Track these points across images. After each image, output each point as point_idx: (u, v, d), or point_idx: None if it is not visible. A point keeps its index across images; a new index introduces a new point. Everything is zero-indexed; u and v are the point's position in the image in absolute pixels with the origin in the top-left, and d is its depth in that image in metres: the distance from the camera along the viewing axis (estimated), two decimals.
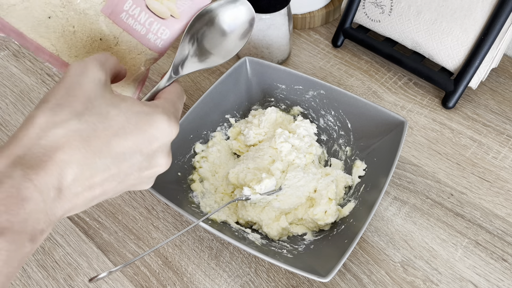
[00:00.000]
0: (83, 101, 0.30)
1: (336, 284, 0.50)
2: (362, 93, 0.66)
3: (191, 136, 0.56)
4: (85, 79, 0.31)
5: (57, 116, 0.29)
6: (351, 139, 0.57)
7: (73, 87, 0.30)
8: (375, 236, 0.53)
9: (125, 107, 0.31)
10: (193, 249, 0.53)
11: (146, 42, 0.42)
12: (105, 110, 0.30)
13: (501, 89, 0.66)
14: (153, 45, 0.42)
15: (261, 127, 0.58)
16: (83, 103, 0.30)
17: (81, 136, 0.29)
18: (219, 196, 0.55)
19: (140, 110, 0.32)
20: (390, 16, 0.65)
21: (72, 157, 0.28)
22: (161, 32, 0.41)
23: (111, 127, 0.30)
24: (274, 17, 0.63)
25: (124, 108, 0.31)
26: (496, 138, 0.61)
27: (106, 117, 0.30)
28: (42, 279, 0.51)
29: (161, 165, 0.34)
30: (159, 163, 0.34)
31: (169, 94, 0.36)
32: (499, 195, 0.56)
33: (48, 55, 0.41)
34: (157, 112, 0.32)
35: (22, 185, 0.27)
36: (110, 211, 0.56)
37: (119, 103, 0.31)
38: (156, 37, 0.42)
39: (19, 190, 0.27)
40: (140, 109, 0.32)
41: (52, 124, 0.29)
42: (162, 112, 0.33)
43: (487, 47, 0.59)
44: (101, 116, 0.30)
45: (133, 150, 0.31)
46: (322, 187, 0.53)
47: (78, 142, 0.29)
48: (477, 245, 0.52)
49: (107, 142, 0.30)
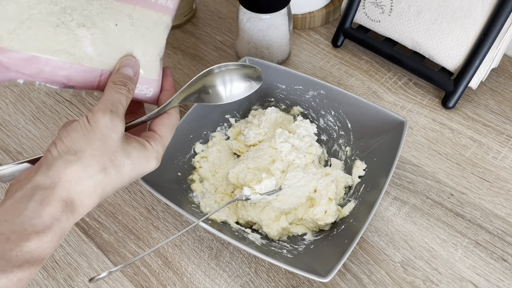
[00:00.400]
0: (110, 156, 0.37)
1: (336, 284, 0.50)
2: (362, 93, 0.66)
3: (191, 136, 0.56)
4: (112, 134, 0.37)
5: (91, 169, 0.36)
6: (351, 139, 0.57)
7: (105, 141, 0.37)
8: (375, 236, 0.53)
9: (135, 156, 0.39)
10: (193, 249, 0.53)
11: (159, 8, 0.41)
12: (122, 161, 0.38)
13: (501, 89, 0.66)
14: (165, 8, 0.42)
15: (261, 127, 0.58)
16: (109, 158, 0.37)
17: (102, 184, 0.37)
18: (219, 196, 0.55)
19: (143, 157, 0.40)
20: (390, 16, 0.65)
21: (92, 200, 0.37)
22: None
23: (122, 175, 0.38)
24: (274, 17, 0.63)
25: (134, 157, 0.39)
26: (496, 138, 0.61)
27: (122, 168, 0.38)
28: (42, 279, 0.51)
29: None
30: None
31: (163, 128, 0.43)
32: (499, 195, 0.56)
33: (67, 69, 0.39)
34: (152, 157, 0.40)
35: (65, 227, 0.36)
36: (110, 211, 0.56)
37: (131, 154, 0.39)
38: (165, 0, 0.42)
39: (62, 230, 0.35)
40: (143, 155, 0.40)
41: (86, 175, 0.36)
42: (155, 156, 0.41)
43: (487, 47, 0.59)
44: (119, 168, 0.38)
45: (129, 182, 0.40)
46: (322, 187, 0.53)
47: (99, 189, 0.37)
48: (477, 245, 0.52)
49: (115, 185, 0.39)
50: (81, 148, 0.36)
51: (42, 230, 0.34)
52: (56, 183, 0.35)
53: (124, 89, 0.40)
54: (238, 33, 0.67)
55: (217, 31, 0.76)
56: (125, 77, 0.40)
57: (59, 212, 0.35)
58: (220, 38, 0.75)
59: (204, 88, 0.46)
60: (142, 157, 0.40)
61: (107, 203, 0.57)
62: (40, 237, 0.33)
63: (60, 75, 0.39)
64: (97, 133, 0.37)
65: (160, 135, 0.42)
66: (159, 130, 0.42)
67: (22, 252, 0.32)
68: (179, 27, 0.76)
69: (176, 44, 0.74)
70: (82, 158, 0.36)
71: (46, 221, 0.34)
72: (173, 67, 0.71)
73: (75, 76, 0.40)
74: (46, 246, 0.34)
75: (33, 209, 0.34)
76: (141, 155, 0.40)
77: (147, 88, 0.43)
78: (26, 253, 0.32)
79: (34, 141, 0.63)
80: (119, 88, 0.39)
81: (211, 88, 0.46)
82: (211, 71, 0.45)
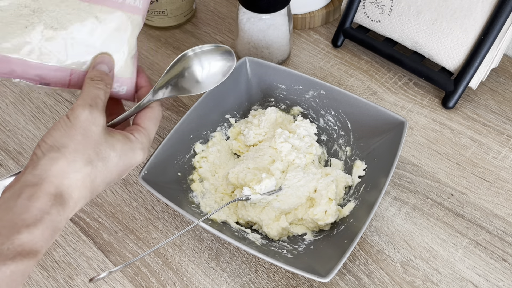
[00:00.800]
0: (94, 149, 0.38)
1: (336, 284, 0.50)
2: (362, 93, 0.66)
3: (191, 136, 0.56)
4: (93, 127, 0.38)
5: (76, 163, 0.37)
6: (351, 139, 0.57)
7: (86, 134, 0.38)
8: (375, 236, 0.53)
9: (119, 148, 0.40)
10: (193, 249, 0.53)
11: (127, 8, 0.42)
12: (108, 154, 0.39)
13: (501, 89, 0.66)
14: (134, 8, 0.42)
15: (261, 127, 0.58)
16: (94, 151, 0.38)
17: (90, 177, 0.38)
18: (219, 196, 0.55)
19: (128, 148, 0.40)
20: (390, 16, 0.65)
21: (82, 193, 0.38)
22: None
23: (109, 166, 0.39)
24: (274, 17, 0.63)
25: (119, 148, 0.40)
26: (496, 138, 0.61)
27: (108, 160, 0.39)
28: (42, 279, 0.51)
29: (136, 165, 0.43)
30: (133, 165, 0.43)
31: (147, 121, 0.44)
32: (499, 195, 0.56)
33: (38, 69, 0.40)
34: (137, 148, 0.41)
35: (57, 220, 0.36)
36: (110, 211, 0.56)
37: (115, 145, 0.39)
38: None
39: (54, 223, 0.36)
40: (128, 147, 0.40)
41: (72, 169, 0.37)
42: (141, 147, 0.42)
43: (487, 47, 0.59)
44: (104, 159, 0.39)
45: (118, 176, 0.41)
46: (322, 187, 0.53)
47: (88, 182, 0.38)
48: (477, 245, 0.52)
49: (104, 177, 0.39)
50: (64, 144, 0.37)
51: (33, 223, 0.34)
52: (43, 179, 0.36)
53: (102, 84, 0.41)
54: (238, 33, 0.67)
55: (217, 31, 0.76)
56: (101, 73, 0.41)
57: (48, 206, 0.35)
58: (220, 38, 0.75)
59: (182, 72, 0.47)
60: (127, 148, 0.40)
61: (107, 203, 0.57)
62: (30, 230, 0.34)
63: (32, 73, 0.40)
64: (78, 128, 0.38)
65: (143, 127, 0.43)
66: (142, 123, 0.43)
67: (13, 245, 0.33)
68: (179, 27, 0.76)
69: (176, 44, 0.74)
70: (66, 153, 0.37)
71: (36, 214, 0.35)
72: None
73: (46, 75, 0.41)
74: (38, 239, 0.34)
75: (21, 205, 0.35)
76: (125, 146, 0.40)
77: (120, 86, 0.44)
78: (17, 246, 0.33)
79: (34, 141, 0.63)
80: (96, 83, 0.40)
81: (187, 71, 0.47)
82: (184, 55, 0.47)
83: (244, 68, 0.59)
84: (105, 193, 0.58)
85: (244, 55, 0.68)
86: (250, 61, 0.59)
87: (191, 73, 0.47)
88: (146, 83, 0.47)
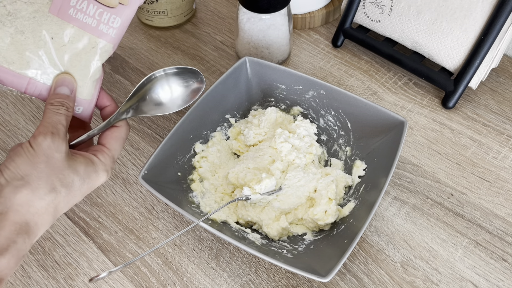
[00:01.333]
0: (57, 175, 0.38)
1: (336, 284, 0.50)
2: (362, 93, 0.66)
3: (191, 136, 0.56)
4: (56, 154, 0.38)
5: (40, 190, 0.38)
6: (351, 139, 0.57)
7: (49, 162, 0.38)
8: (375, 236, 0.53)
9: (82, 171, 0.40)
10: (193, 249, 0.53)
11: (99, 33, 0.42)
12: (71, 179, 0.39)
13: (501, 89, 0.66)
14: (106, 35, 0.42)
15: (261, 127, 0.58)
16: (57, 177, 0.38)
17: (53, 203, 0.39)
18: (219, 196, 0.55)
19: (91, 170, 0.41)
20: (390, 16, 0.65)
21: (46, 220, 0.39)
22: (112, 21, 0.42)
23: (72, 191, 0.40)
24: (274, 17, 0.63)
25: (82, 172, 0.40)
26: (496, 138, 0.61)
27: (72, 186, 0.40)
28: (42, 279, 0.51)
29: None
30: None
31: (113, 141, 0.44)
32: (499, 195, 0.56)
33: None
34: (101, 170, 0.42)
35: (22, 248, 0.37)
36: (110, 211, 0.56)
37: (78, 169, 0.40)
38: (108, 27, 0.42)
39: (20, 251, 0.36)
40: (91, 169, 0.41)
41: (36, 197, 0.38)
42: (104, 169, 0.42)
43: (487, 47, 0.59)
44: (68, 185, 0.39)
45: (81, 197, 0.42)
46: (322, 187, 0.53)
47: (52, 208, 0.39)
48: (477, 245, 0.52)
49: (67, 202, 0.40)
50: (27, 172, 0.38)
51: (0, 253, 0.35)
52: (8, 208, 0.36)
53: (63, 109, 0.41)
54: (238, 33, 0.67)
55: (217, 31, 0.76)
56: (62, 97, 0.41)
57: (14, 234, 0.36)
58: (220, 38, 0.75)
59: (144, 95, 0.46)
60: (90, 170, 0.41)
61: (107, 203, 0.57)
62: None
63: None
64: (41, 156, 0.38)
65: (108, 148, 0.43)
66: (107, 143, 0.44)
67: None
68: (179, 27, 0.76)
69: (176, 44, 0.74)
70: (30, 181, 0.37)
71: (2, 243, 0.35)
72: None
73: (4, 78, 0.41)
74: (4, 267, 0.35)
75: None
76: (88, 168, 0.41)
77: (76, 105, 0.44)
78: None
79: None
80: (57, 109, 0.40)
81: (149, 95, 0.47)
82: (149, 78, 0.46)
83: (244, 68, 0.59)
84: (105, 193, 0.58)
85: (244, 55, 0.68)
86: (250, 61, 0.59)
87: (153, 97, 0.47)
88: (110, 101, 0.47)
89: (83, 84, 0.43)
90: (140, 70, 0.71)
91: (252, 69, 0.59)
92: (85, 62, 0.43)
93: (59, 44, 0.41)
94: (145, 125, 0.64)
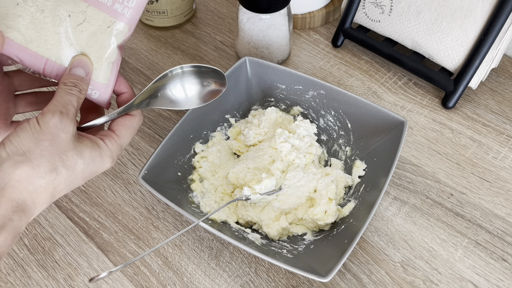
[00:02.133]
0: (60, 156, 0.37)
1: (336, 284, 0.50)
2: (362, 93, 0.66)
3: (191, 136, 0.56)
4: (62, 134, 0.37)
5: (41, 168, 0.37)
6: (351, 139, 0.57)
7: (54, 141, 0.37)
8: (375, 236, 0.53)
9: (87, 155, 0.39)
10: (193, 249, 0.53)
11: (114, 13, 0.42)
12: (74, 161, 0.38)
13: (501, 89, 0.66)
14: (121, 16, 0.42)
15: (261, 127, 0.58)
16: (60, 157, 0.37)
17: (53, 183, 0.37)
18: (219, 196, 0.55)
19: (96, 155, 0.40)
20: (390, 16, 0.65)
21: (44, 199, 0.37)
22: (127, 1, 0.42)
23: (75, 174, 0.39)
24: (274, 17, 0.63)
25: (87, 156, 0.39)
26: (496, 138, 0.61)
27: (74, 168, 0.38)
28: (42, 279, 0.51)
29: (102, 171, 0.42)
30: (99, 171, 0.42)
31: (124, 128, 0.43)
32: (499, 195, 0.56)
33: (16, 49, 0.40)
34: (107, 156, 0.41)
35: (18, 226, 0.36)
36: (110, 211, 0.56)
37: (83, 152, 0.39)
38: (123, 6, 0.42)
39: (16, 229, 0.36)
40: (96, 153, 0.40)
41: (36, 175, 0.36)
42: (110, 155, 0.41)
43: (487, 47, 0.59)
44: (70, 167, 0.38)
45: (83, 181, 0.40)
46: (322, 187, 0.53)
47: (51, 189, 0.37)
48: (477, 245, 0.52)
49: (68, 185, 0.39)
50: (30, 148, 0.37)
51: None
52: (6, 183, 0.36)
53: (75, 90, 0.40)
54: (238, 33, 0.67)
55: (217, 31, 0.76)
56: (76, 78, 0.41)
57: (11, 212, 0.35)
58: (220, 38, 0.75)
59: (158, 91, 0.45)
60: (95, 155, 0.40)
61: (107, 203, 0.57)
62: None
63: (12, 53, 0.40)
64: (46, 134, 0.37)
65: (117, 135, 0.42)
66: (117, 130, 0.42)
67: None
68: (179, 27, 0.76)
69: (176, 44, 0.74)
70: (31, 158, 0.36)
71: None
72: (173, 67, 0.71)
73: (23, 57, 0.41)
74: (1, 245, 0.35)
75: None
76: (94, 153, 0.40)
77: (92, 89, 0.43)
78: None
79: None
80: (69, 89, 0.40)
81: (163, 91, 0.46)
82: (171, 71, 0.46)
83: (244, 68, 0.59)
84: (105, 193, 0.58)
85: (244, 55, 0.68)
86: (250, 61, 0.59)
87: (168, 93, 0.46)
88: (128, 88, 0.46)
89: (99, 67, 0.43)
90: (140, 70, 0.71)
91: (252, 69, 0.59)
92: (100, 43, 0.42)
93: (76, 23, 0.41)
94: (145, 125, 0.64)
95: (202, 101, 0.47)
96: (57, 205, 0.57)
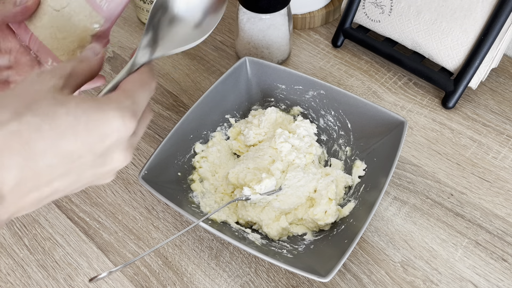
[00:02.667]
0: (27, 102, 0.27)
1: (336, 284, 0.50)
2: (362, 93, 0.66)
3: (191, 136, 0.56)
4: (37, 85, 0.29)
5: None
6: (351, 139, 0.57)
7: (23, 92, 0.28)
8: (375, 236, 0.53)
9: (74, 105, 0.28)
10: (193, 249, 0.53)
11: (92, 2, 0.41)
12: (52, 109, 0.28)
13: (501, 89, 0.66)
14: (98, 7, 0.41)
15: (261, 127, 0.58)
16: (26, 104, 0.27)
17: (21, 137, 0.26)
18: (219, 196, 0.55)
19: (91, 106, 0.29)
20: (390, 16, 0.65)
21: (11, 161, 0.26)
22: None
23: (58, 127, 0.27)
24: (274, 17, 0.63)
25: (73, 105, 0.28)
26: (496, 138, 0.61)
27: (53, 117, 0.27)
28: (42, 279, 0.51)
29: (118, 161, 0.32)
30: (116, 159, 0.31)
31: (129, 83, 0.33)
32: (499, 195, 0.56)
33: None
34: (110, 108, 0.29)
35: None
36: (110, 211, 0.56)
37: (68, 102, 0.28)
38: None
39: None
40: (91, 105, 0.29)
41: None
42: (116, 107, 0.29)
43: (487, 47, 0.59)
44: (46, 116, 0.27)
45: (83, 149, 0.29)
46: (322, 187, 0.53)
47: (18, 144, 0.26)
48: (477, 245, 0.52)
49: (52, 142, 0.27)
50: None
51: None
52: None
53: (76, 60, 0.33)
54: (238, 33, 0.67)
55: (217, 31, 0.76)
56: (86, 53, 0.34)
57: None
58: (220, 38, 0.75)
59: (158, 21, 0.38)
60: (88, 106, 0.29)
61: (107, 203, 0.57)
62: None
63: None
64: (17, 87, 0.29)
65: (124, 88, 0.32)
66: (123, 84, 0.33)
67: None
68: None
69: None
70: None
71: None
72: (173, 67, 0.71)
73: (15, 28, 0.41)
74: None
75: None
76: (86, 104, 0.29)
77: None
78: None
79: None
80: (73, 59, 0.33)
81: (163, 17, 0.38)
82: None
83: (244, 68, 0.59)
84: (105, 193, 0.58)
85: (244, 55, 0.68)
86: (250, 61, 0.59)
87: (166, 13, 0.38)
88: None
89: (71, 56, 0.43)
90: None
91: (252, 69, 0.59)
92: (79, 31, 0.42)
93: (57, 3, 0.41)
94: None
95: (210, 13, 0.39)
96: (57, 205, 0.57)
